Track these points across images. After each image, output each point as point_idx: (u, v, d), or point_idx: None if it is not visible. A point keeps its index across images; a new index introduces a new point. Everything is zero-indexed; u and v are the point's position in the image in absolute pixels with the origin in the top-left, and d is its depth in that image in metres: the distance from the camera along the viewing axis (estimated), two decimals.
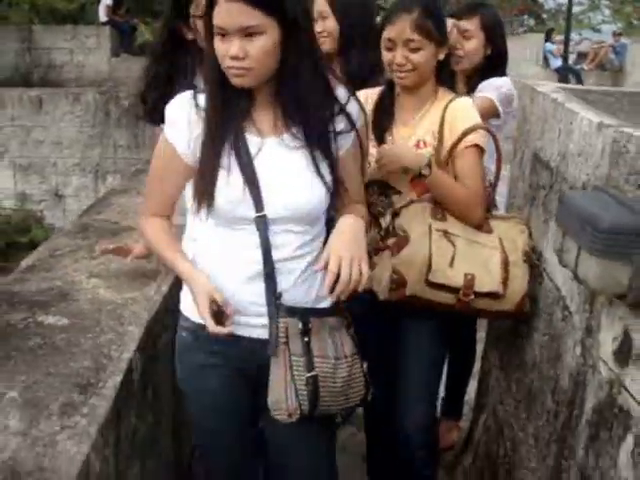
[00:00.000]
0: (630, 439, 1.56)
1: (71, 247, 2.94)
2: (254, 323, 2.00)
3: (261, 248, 1.94)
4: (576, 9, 27.07)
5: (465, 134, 2.50)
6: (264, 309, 1.96)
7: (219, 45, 1.84)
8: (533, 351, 2.55)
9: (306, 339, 1.94)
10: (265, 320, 1.98)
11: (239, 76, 1.85)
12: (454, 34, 3.23)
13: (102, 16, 17.45)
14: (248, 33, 1.80)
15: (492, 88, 3.38)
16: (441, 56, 2.56)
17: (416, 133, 2.59)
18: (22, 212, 9.54)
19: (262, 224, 1.93)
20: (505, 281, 2.51)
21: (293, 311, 1.96)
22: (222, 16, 1.80)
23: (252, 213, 1.91)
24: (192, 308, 2.01)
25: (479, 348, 3.79)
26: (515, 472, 2.60)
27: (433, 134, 2.57)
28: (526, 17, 30.26)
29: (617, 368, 1.66)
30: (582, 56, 20.44)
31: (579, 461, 1.88)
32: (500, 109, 3.36)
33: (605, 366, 1.74)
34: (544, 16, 29.60)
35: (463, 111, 2.58)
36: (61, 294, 2.36)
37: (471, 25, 3.43)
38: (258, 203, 1.90)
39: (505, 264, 2.53)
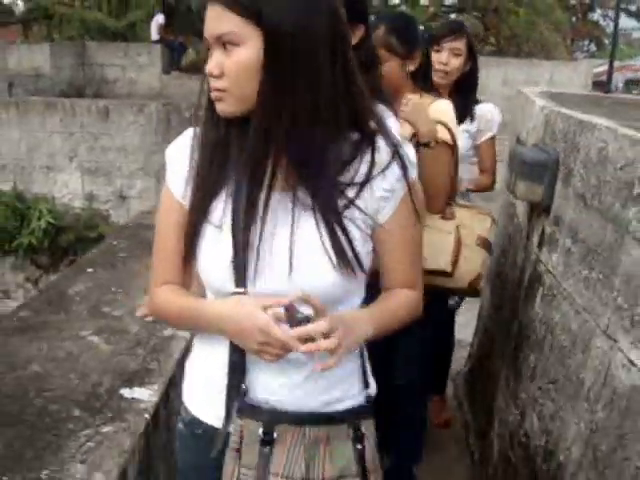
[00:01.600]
0: None
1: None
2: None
3: None
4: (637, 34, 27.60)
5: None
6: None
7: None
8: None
9: (266, 450, 1.60)
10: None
11: (217, 100, 1.52)
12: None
13: (154, 34, 19.09)
14: (223, 43, 1.46)
15: (495, 124, 4.06)
16: (410, 67, 2.87)
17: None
18: (90, 211, 10.98)
19: None
20: (455, 262, 2.89)
21: (258, 412, 1.62)
22: (205, 25, 1.50)
23: (231, 287, 1.55)
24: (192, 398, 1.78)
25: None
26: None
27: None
28: (587, 42, 30.98)
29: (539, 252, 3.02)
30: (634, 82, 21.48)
31: None
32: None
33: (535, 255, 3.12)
34: (606, 41, 29.80)
35: (442, 112, 2.90)
36: None
37: (460, 44, 3.85)
38: (240, 276, 1.54)
39: (457, 247, 2.90)
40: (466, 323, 5.00)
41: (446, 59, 3.79)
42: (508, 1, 18.54)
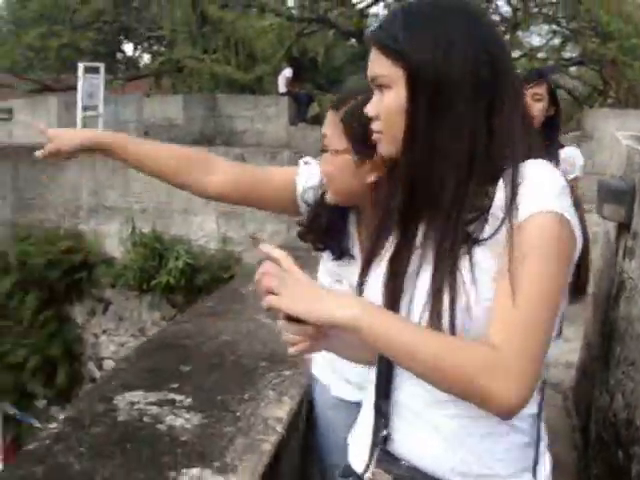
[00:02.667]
0: None
1: None
2: None
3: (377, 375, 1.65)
4: None
5: None
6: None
7: None
8: None
9: None
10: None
11: (376, 141, 1.60)
12: None
13: (281, 87, 20.34)
14: (378, 85, 1.55)
15: (578, 167, 4.41)
16: None
17: None
18: (224, 252, 12.06)
19: None
20: None
21: (393, 464, 1.58)
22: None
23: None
24: None
25: None
26: None
27: None
28: None
29: None
30: None
31: None
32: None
33: None
34: None
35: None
36: None
37: (541, 89, 4.26)
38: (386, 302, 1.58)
39: None
40: (577, 348, 5.70)
41: (528, 104, 4.33)
42: (623, 54, 19.03)
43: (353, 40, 24.10)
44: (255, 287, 1.54)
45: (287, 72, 20.34)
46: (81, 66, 13.64)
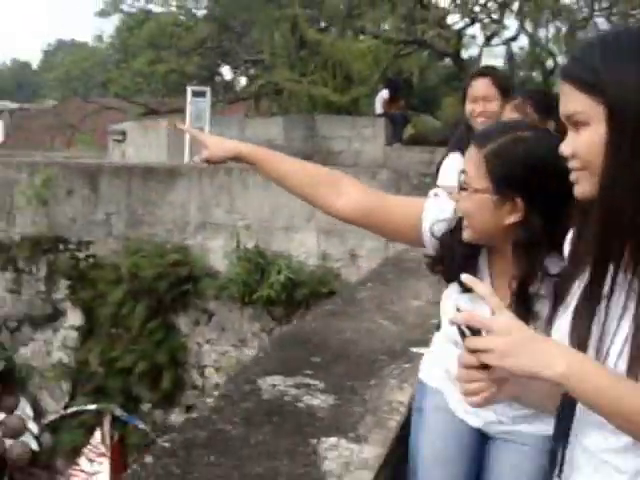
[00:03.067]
0: None
1: None
2: None
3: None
4: None
5: None
6: None
7: None
8: None
9: None
10: None
11: (574, 182, 1.54)
12: None
13: (378, 108, 20.85)
14: (573, 122, 1.49)
15: None
16: None
17: None
18: (323, 268, 12.49)
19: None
20: None
21: None
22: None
23: None
24: None
25: None
26: None
27: None
28: None
29: None
30: None
31: None
32: None
33: None
34: None
35: None
36: None
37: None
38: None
39: None
40: None
41: None
42: None
43: (447, 60, 24.42)
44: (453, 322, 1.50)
45: (384, 93, 20.81)
46: (189, 90, 14.39)
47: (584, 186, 1.50)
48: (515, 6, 19.59)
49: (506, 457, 2.51)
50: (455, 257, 2.31)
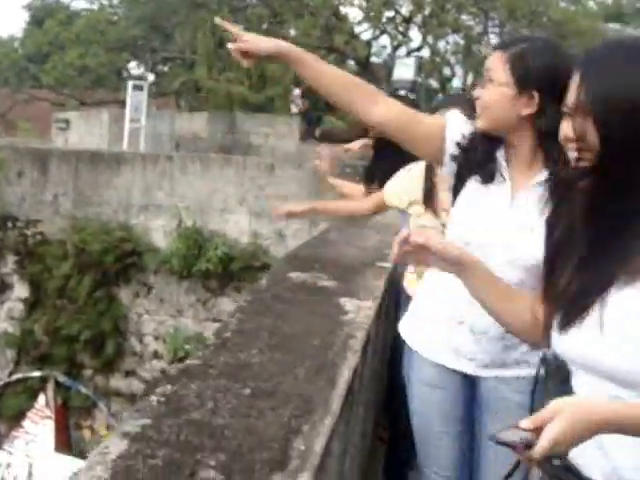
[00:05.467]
0: None
1: None
2: None
3: None
4: None
5: None
6: None
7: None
8: None
9: None
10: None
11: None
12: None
13: (293, 107, 22.68)
14: None
15: None
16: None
17: None
18: (254, 245, 14.13)
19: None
20: None
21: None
22: None
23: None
24: None
25: None
26: None
27: None
28: None
29: None
30: None
31: None
32: None
33: None
34: None
35: None
36: None
37: None
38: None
39: None
40: None
41: None
42: None
43: (352, 64, 26.20)
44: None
45: (297, 93, 22.56)
46: (130, 84, 15.87)
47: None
48: (418, 19, 21.71)
49: (498, 396, 2.69)
50: (478, 151, 2.53)
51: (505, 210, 2.54)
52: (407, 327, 2.92)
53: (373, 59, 21.55)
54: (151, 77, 30.29)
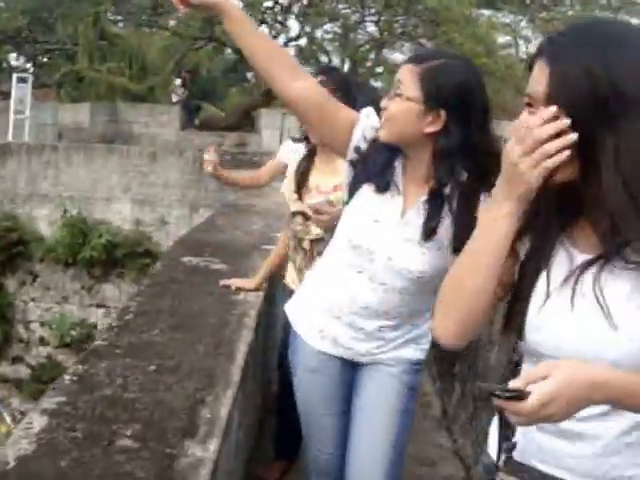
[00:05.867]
0: None
1: None
2: None
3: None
4: None
5: None
6: None
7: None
8: None
9: None
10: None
11: None
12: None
13: (174, 97, 22.60)
14: None
15: None
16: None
17: None
18: (137, 232, 14.03)
19: None
20: None
21: (526, 471, 1.57)
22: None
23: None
24: None
25: None
26: None
27: None
28: None
29: None
30: None
31: None
32: None
33: None
34: None
35: None
36: None
37: None
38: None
39: None
40: None
41: None
42: None
43: (228, 52, 26.18)
44: None
45: (177, 83, 22.50)
46: (15, 76, 15.57)
47: None
48: (296, 9, 21.89)
49: (374, 379, 2.67)
50: (377, 159, 2.46)
51: (395, 223, 2.46)
52: (293, 310, 2.83)
53: None
54: (31, 68, 29.69)
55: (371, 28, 23.57)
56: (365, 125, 2.49)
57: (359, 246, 2.49)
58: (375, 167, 2.47)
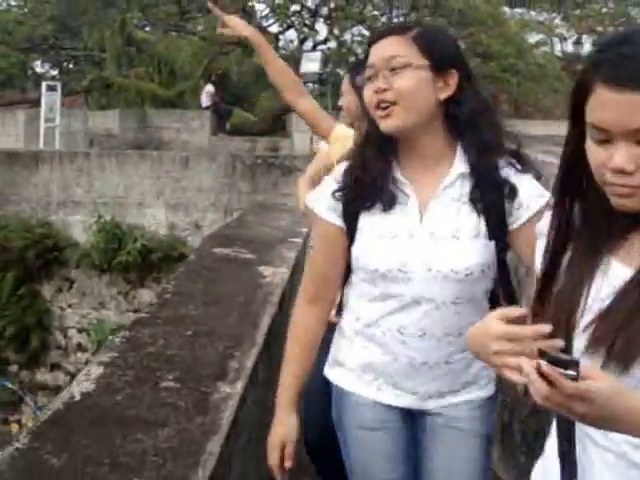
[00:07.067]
0: None
1: None
2: None
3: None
4: None
5: None
6: None
7: (598, 152, 1.39)
8: None
9: None
10: None
11: (624, 196, 1.39)
12: None
13: (204, 101, 23.29)
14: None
15: None
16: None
17: None
18: (171, 237, 14.71)
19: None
20: None
21: None
22: (607, 113, 1.35)
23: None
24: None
25: None
26: None
27: None
28: None
29: None
30: None
31: None
32: None
33: None
34: None
35: None
36: None
37: None
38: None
39: None
40: None
41: None
42: (502, 72, 22.34)
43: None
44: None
45: (209, 88, 23.19)
46: (44, 84, 16.33)
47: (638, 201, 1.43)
48: (324, 12, 22.54)
49: (447, 440, 2.38)
50: (370, 174, 2.23)
51: (417, 227, 2.23)
52: (335, 372, 2.51)
53: (282, 52, 22.19)
54: (57, 75, 30.56)
55: None
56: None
57: (389, 271, 2.24)
58: (372, 185, 2.25)
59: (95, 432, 2.29)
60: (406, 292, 2.24)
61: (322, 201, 2.35)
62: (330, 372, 2.53)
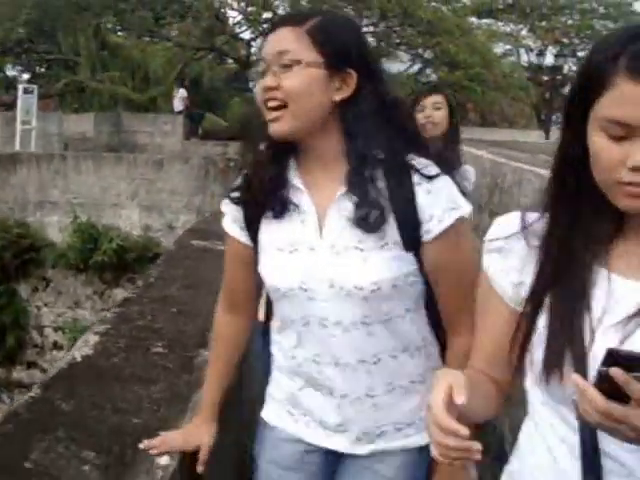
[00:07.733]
0: None
1: None
2: None
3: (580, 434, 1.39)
4: None
5: None
6: None
7: (612, 150, 1.30)
8: None
9: None
10: None
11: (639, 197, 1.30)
12: None
13: (177, 106, 23.59)
14: None
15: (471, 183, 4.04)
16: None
17: None
18: (145, 238, 15.00)
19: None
20: None
21: None
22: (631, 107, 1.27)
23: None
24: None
25: None
26: None
27: None
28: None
29: None
30: None
31: None
32: None
33: None
34: None
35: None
36: None
37: (440, 98, 4.20)
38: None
39: None
40: None
41: (429, 112, 4.17)
42: (469, 81, 22.81)
43: (230, 62, 27.16)
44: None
45: (182, 92, 23.49)
46: (20, 87, 16.58)
47: None
48: None
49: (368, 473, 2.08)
50: (263, 181, 1.97)
51: (316, 238, 1.95)
52: (267, 406, 2.24)
53: (254, 58, 22.54)
54: (28, 79, 30.65)
55: (369, 39, 24.48)
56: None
57: (290, 289, 1.97)
58: (264, 190, 1.98)
59: (97, 385, 2.65)
60: (310, 314, 1.96)
61: (227, 209, 2.10)
62: (264, 407, 2.24)
